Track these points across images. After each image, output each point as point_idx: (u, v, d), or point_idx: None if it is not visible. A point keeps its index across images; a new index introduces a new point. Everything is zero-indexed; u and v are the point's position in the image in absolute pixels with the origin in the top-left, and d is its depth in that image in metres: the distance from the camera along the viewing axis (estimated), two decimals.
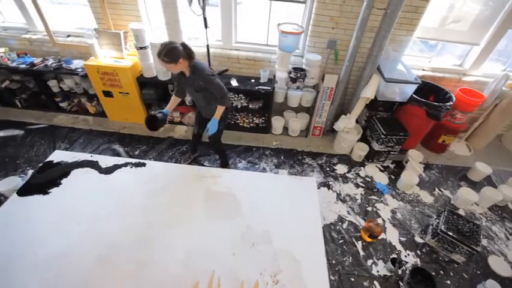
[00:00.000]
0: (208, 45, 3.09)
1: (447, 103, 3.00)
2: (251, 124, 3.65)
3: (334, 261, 2.32)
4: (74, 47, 3.40)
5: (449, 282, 2.28)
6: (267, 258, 1.74)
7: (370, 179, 3.18)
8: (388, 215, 2.78)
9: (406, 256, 2.43)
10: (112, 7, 3.07)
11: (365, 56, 3.14)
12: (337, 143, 3.52)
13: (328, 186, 3.04)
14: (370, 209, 2.83)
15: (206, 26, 2.90)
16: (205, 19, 2.85)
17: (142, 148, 3.32)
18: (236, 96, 3.39)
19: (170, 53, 1.96)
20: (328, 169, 3.26)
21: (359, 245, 2.48)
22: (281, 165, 3.26)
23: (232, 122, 3.65)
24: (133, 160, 2.39)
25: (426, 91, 3.32)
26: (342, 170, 3.28)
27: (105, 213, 1.94)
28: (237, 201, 2.10)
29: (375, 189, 3.05)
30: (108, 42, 3.17)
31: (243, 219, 1.97)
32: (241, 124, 3.65)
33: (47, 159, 2.32)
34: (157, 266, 1.67)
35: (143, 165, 2.36)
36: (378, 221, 2.54)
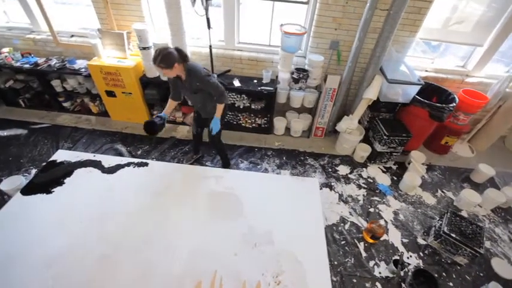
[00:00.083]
0: (211, 46, 3.10)
1: (450, 104, 2.99)
2: (253, 124, 3.65)
3: (336, 262, 2.32)
4: (77, 47, 3.42)
5: (451, 284, 2.27)
6: (269, 259, 1.75)
7: (372, 180, 3.17)
8: (390, 216, 2.77)
9: (408, 258, 2.42)
10: (115, 7, 3.09)
11: (368, 57, 3.14)
12: (339, 144, 3.52)
13: (330, 187, 3.03)
14: (372, 210, 2.82)
15: (209, 27, 2.91)
16: (208, 19, 2.86)
17: (145, 148, 3.33)
18: (238, 96, 3.39)
19: (165, 58, 1.97)
20: (330, 170, 3.26)
21: (361, 246, 2.47)
22: (283, 165, 3.26)
23: (235, 123, 3.65)
24: (136, 160, 2.40)
25: (429, 92, 3.30)
26: (344, 171, 3.27)
27: (108, 213, 1.95)
28: (239, 202, 2.11)
29: (377, 191, 3.05)
30: (111, 43, 3.19)
31: (245, 220, 1.98)
32: (243, 124, 3.66)
33: (51, 159, 2.33)
34: (160, 265, 1.68)
35: (146, 165, 2.37)
36: (380, 222, 2.54)
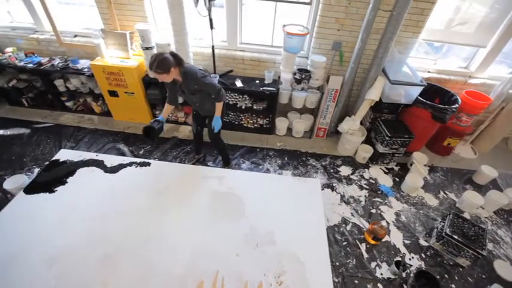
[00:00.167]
0: (213, 46, 3.11)
1: (453, 105, 2.98)
2: (255, 125, 3.65)
3: (337, 263, 2.32)
4: (80, 47, 3.44)
5: (454, 286, 2.26)
6: (270, 259, 1.74)
7: (374, 181, 3.17)
8: (392, 218, 2.77)
9: (410, 259, 2.42)
10: (118, 8, 3.10)
11: (370, 58, 3.14)
12: (341, 145, 3.51)
13: (332, 187, 3.03)
14: (374, 211, 2.81)
15: (212, 27, 2.91)
16: (211, 20, 2.86)
17: (147, 148, 3.34)
18: (240, 97, 3.40)
19: (161, 64, 1.98)
20: (332, 171, 3.26)
21: (363, 247, 2.47)
22: (285, 166, 3.26)
23: (236, 123, 3.65)
24: (138, 160, 2.41)
25: (432, 93, 3.30)
26: (346, 171, 3.26)
27: (110, 213, 1.96)
28: (241, 202, 2.11)
29: (379, 192, 3.04)
30: (114, 43, 3.20)
31: (247, 220, 1.98)
32: (245, 125, 3.66)
33: (53, 158, 2.34)
34: (162, 265, 1.68)
35: (148, 164, 2.37)
36: (382, 223, 2.53)
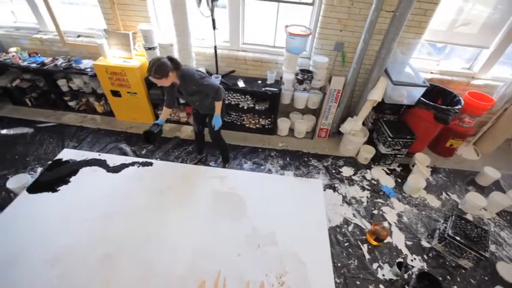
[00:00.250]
0: (215, 47, 3.11)
1: (455, 107, 2.97)
2: (257, 125, 3.65)
3: (339, 264, 2.31)
4: (83, 47, 3.45)
5: (456, 287, 2.25)
6: (272, 260, 1.75)
7: (376, 182, 3.16)
8: (394, 219, 2.76)
9: (412, 260, 2.41)
10: (122, 8, 3.11)
11: (373, 59, 3.13)
12: (343, 145, 3.51)
13: (333, 188, 3.02)
14: (376, 212, 2.81)
15: (214, 27, 2.92)
16: (213, 20, 2.87)
17: (149, 148, 3.35)
18: (243, 97, 3.40)
19: (159, 69, 2.00)
20: (334, 171, 3.25)
21: (364, 248, 2.46)
22: (287, 166, 3.26)
23: (238, 123, 3.66)
24: (140, 159, 2.42)
25: (434, 94, 3.29)
26: (347, 172, 3.26)
27: (112, 212, 1.97)
28: (242, 202, 2.11)
29: (381, 192, 3.03)
30: (117, 43, 3.21)
31: (249, 220, 1.98)
32: (247, 125, 3.66)
33: (56, 157, 2.35)
34: (163, 265, 1.69)
35: (150, 164, 2.39)
36: (384, 224, 2.53)
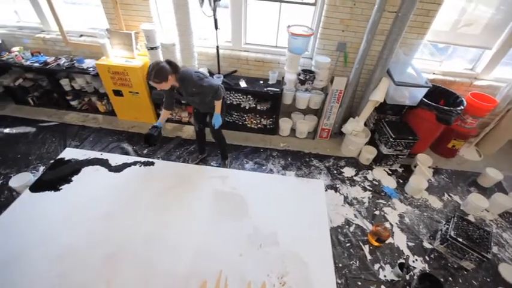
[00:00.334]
0: (218, 46, 3.11)
1: (458, 107, 2.96)
2: (259, 125, 3.65)
3: (340, 265, 2.31)
4: (86, 46, 3.46)
5: None
6: (274, 260, 1.75)
7: (377, 183, 3.15)
8: (395, 219, 2.75)
9: (414, 261, 2.40)
10: (124, 8, 3.12)
11: (375, 59, 3.13)
12: (344, 146, 3.50)
13: (335, 189, 3.02)
14: (377, 212, 2.80)
15: (216, 27, 2.92)
16: (215, 20, 2.87)
17: (151, 147, 3.35)
18: (244, 97, 3.40)
19: (159, 73, 2.00)
20: (335, 172, 3.25)
21: (366, 248, 2.46)
22: (288, 166, 3.26)
23: (240, 123, 3.66)
24: (142, 159, 2.42)
25: (436, 95, 3.27)
26: (349, 173, 3.26)
27: (114, 212, 1.97)
28: (244, 202, 2.11)
29: (382, 193, 3.03)
30: (119, 42, 3.22)
31: (250, 220, 1.98)
32: (248, 125, 3.66)
33: (59, 156, 2.36)
34: (165, 265, 1.69)
35: (152, 164, 2.39)
36: (386, 225, 2.52)
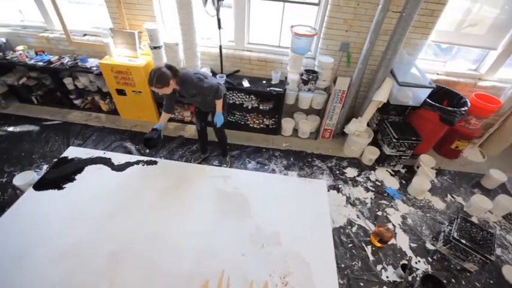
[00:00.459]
0: (221, 46, 3.11)
1: (462, 108, 2.95)
2: (261, 125, 3.65)
3: (343, 265, 2.30)
4: (89, 45, 3.47)
5: None
6: (276, 260, 1.75)
7: (380, 183, 3.14)
8: (398, 220, 2.74)
9: (416, 263, 2.39)
10: (128, 7, 3.12)
11: (378, 59, 3.11)
12: (347, 146, 3.49)
13: (337, 189, 3.01)
14: (380, 213, 2.79)
15: (220, 27, 2.92)
16: (219, 20, 2.87)
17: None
18: (247, 97, 3.40)
19: (160, 78, 2.01)
20: (337, 172, 3.24)
21: (368, 249, 2.45)
22: (290, 166, 3.25)
23: (243, 123, 3.66)
24: (145, 158, 2.43)
25: (440, 95, 3.26)
26: (351, 173, 3.25)
27: (117, 211, 1.98)
28: (246, 202, 2.11)
29: (385, 194, 3.02)
30: (123, 42, 3.23)
31: (253, 220, 1.98)
32: (251, 125, 3.66)
33: (62, 155, 2.37)
34: (167, 264, 1.69)
35: (154, 163, 2.40)
36: (389, 225, 2.51)
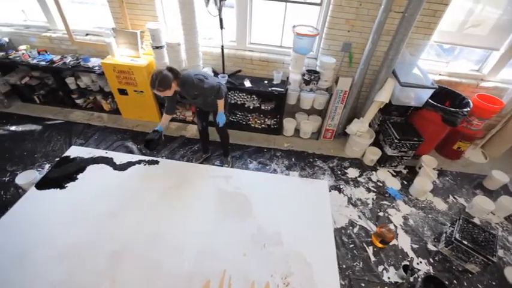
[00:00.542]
0: (222, 46, 3.12)
1: (464, 109, 2.94)
2: (263, 125, 3.65)
3: (344, 266, 2.29)
4: (91, 45, 3.48)
5: None
6: (277, 260, 1.75)
7: (382, 184, 3.14)
8: (400, 221, 2.74)
9: (418, 263, 2.39)
10: (130, 7, 3.13)
11: (380, 60, 3.11)
12: (348, 147, 3.49)
13: (339, 189, 3.01)
14: (381, 214, 2.79)
15: (222, 27, 2.92)
16: (221, 20, 2.87)
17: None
18: (249, 97, 3.40)
19: (163, 81, 2.02)
20: (339, 172, 3.24)
21: (370, 250, 2.44)
22: (292, 167, 3.25)
23: (244, 123, 3.66)
24: (147, 158, 2.43)
25: (442, 96, 3.25)
26: (353, 173, 3.24)
27: (119, 210, 1.98)
28: (248, 202, 2.11)
29: (386, 195, 3.01)
30: (125, 41, 3.23)
31: (254, 220, 1.98)
32: (253, 125, 3.66)
33: (64, 154, 2.38)
34: (169, 264, 1.69)
35: (156, 163, 2.40)
36: (390, 226, 2.51)
